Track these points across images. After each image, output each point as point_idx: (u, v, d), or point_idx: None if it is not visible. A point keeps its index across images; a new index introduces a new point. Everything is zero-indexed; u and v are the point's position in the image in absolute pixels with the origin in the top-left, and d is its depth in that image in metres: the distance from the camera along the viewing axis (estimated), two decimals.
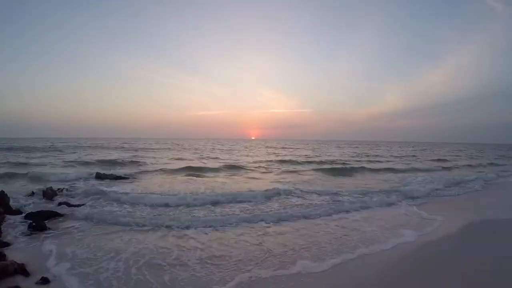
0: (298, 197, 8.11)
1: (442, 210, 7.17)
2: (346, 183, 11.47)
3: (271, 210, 6.61)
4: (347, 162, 19.68)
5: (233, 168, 15.50)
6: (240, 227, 5.48)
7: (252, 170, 15.10)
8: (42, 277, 3.27)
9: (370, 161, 21.73)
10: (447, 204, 8.08)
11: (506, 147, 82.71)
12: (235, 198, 7.49)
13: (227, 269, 3.71)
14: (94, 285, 3.22)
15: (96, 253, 4.11)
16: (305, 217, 6.15)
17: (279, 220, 5.89)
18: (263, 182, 11.04)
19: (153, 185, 9.89)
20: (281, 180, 11.73)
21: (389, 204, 7.61)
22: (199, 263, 3.88)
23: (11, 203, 6.45)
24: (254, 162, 18.78)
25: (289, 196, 8.14)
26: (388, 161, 23.02)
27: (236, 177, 12.60)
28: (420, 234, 5.29)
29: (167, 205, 6.86)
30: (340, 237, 5.08)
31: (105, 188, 8.86)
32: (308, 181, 11.67)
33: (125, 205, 6.73)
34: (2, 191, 6.42)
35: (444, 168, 18.15)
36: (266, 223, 5.71)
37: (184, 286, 3.28)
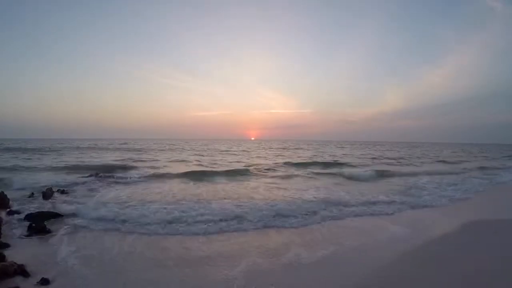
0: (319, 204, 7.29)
1: (448, 213, 7.17)
2: (363, 187, 10.67)
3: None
4: (353, 164, 19.01)
5: (241, 172, 14.04)
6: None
7: (258, 174, 13.83)
8: (42, 278, 3.26)
9: (375, 163, 20.98)
10: (456, 207, 7.79)
11: (507, 147, 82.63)
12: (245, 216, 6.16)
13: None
14: (99, 275, 3.24)
15: (97, 251, 4.14)
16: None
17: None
18: (275, 189, 9.91)
19: (154, 188, 9.78)
20: (295, 186, 10.68)
21: (400, 210, 7.26)
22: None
23: (11, 203, 6.46)
24: (261, 165, 17.46)
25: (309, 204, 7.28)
26: (397, 163, 21.81)
27: (244, 182, 11.43)
28: (420, 234, 5.29)
29: (165, 209, 6.49)
30: (341, 237, 5.10)
31: (104, 190, 8.87)
32: (320, 186, 10.63)
33: (126, 209, 6.44)
34: (2, 192, 6.43)
35: (455, 171, 16.90)
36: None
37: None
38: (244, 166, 16.75)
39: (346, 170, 15.85)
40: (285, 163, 18.46)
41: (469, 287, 3.30)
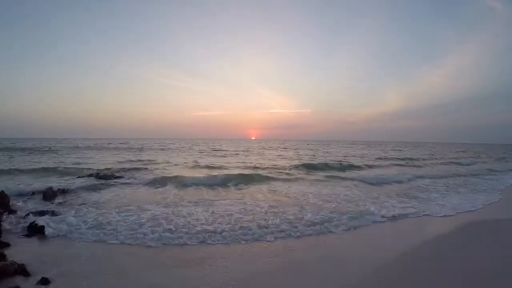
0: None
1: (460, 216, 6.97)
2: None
3: None
4: (361, 166, 18.04)
5: (254, 176, 12.25)
6: None
7: (274, 177, 12.36)
8: (42, 277, 3.26)
9: (385, 165, 19.99)
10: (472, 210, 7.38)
11: (508, 147, 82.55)
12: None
13: None
14: (99, 275, 3.24)
15: (97, 251, 4.14)
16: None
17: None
18: (278, 193, 9.10)
19: (154, 190, 9.66)
20: (304, 189, 9.75)
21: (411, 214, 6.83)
22: None
23: (11, 203, 6.47)
24: (274, 168, 16.23)
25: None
26: (405, 164, 20.81)
27: (255, 186, 10.44)
28: (421, 235, 5.28)
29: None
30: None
31: (104, 191, 8.86)
32: (325, 190, 9.66)
33: (125, 212, 6.23)
34: (2, 191, 6.43)
35: (467, 172, 16.24)
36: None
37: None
38: (261, 169, 15.46)
39: (360, 173, 14.96)
40: (303, 165, 17.06)
41: (470, 287, 3.29)
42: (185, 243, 4.64)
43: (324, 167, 17.11)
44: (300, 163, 18.17)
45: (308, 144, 65.72)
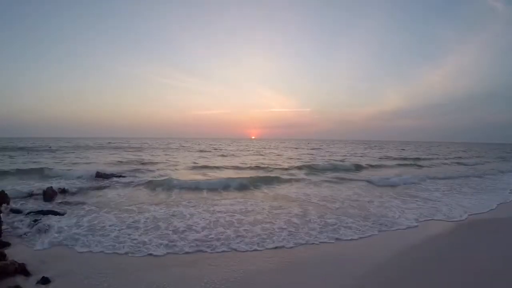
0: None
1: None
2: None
3: None
4: (365, 166, 17.66)
5: (256, 177, 11.68)
6: None
7: (276, 178, 11.88)
8: (43, 276, 3.27)
9: (393, 165, 19.71)
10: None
11: (508, 146, 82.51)
12: None
13: None
14: (99, 274, 3.24)
15: (97, 251, 4.15)
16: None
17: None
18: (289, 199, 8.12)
19: (154, 191, 9.68)
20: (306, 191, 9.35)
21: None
22: None
23: (11, 202, 6.46)
24: (276, 168, 15.83)
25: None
26: (410, 164, 20.46)
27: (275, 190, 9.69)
28: (420, 235, 5.28)
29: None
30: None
31: (104, 191, 8.85)
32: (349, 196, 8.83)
33: (124, 213, 6.23)
34: (2, 191, 6.42)
35: (473, 173, 15.80)
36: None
37: None
38: (252, 167, 15.27)
39: (365, 174, 14.75)
40: (297, 166, 16.68)
41: (470, 287, 3.29)
42: (186, 245, 4.58)
43: (328, 167, 16.73)
44: (302, 164, 17.79)
45: (308, 143, 65.57)
